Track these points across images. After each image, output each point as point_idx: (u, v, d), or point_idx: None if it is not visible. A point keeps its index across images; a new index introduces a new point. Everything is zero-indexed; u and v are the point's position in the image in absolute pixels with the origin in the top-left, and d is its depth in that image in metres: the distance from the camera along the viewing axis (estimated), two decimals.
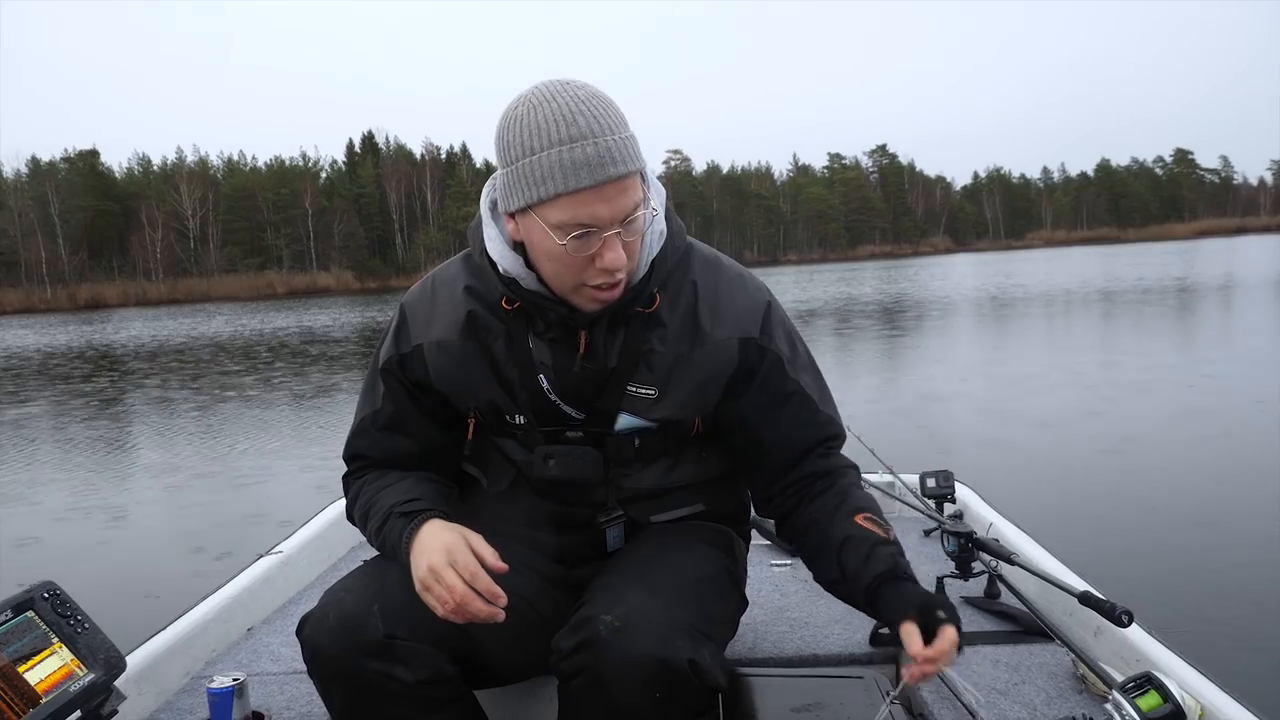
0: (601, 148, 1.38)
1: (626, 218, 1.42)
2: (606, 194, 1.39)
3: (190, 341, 25.94)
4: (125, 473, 8.42)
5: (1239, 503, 5.54)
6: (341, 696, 1.47)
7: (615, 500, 1.64)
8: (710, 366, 1.57)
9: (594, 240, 1.41)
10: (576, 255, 1.42)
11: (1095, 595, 1.76)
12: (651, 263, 1.54)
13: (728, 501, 1.78)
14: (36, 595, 1.57)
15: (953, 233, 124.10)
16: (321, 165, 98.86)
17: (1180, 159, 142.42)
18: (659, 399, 1.57)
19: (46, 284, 73.77)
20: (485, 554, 1.39)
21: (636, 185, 1.44)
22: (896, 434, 7.57)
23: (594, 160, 1.37)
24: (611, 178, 1.38)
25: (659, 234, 1.55)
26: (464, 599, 1.35)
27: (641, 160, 1.46)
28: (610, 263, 1.42)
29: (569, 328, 1.54)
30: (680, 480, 1.68)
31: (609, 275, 1.44)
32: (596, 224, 1.40)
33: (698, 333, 1.57)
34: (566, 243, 1.41)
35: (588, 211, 1.39)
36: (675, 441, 1.65)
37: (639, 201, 1.44)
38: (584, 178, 1.37)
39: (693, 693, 1.38)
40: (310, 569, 2.57)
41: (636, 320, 1.55)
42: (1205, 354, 12.25)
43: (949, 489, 2.55)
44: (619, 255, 1.42)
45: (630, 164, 1.41)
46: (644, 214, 1.46)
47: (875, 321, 19.87)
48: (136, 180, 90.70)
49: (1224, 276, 28.65)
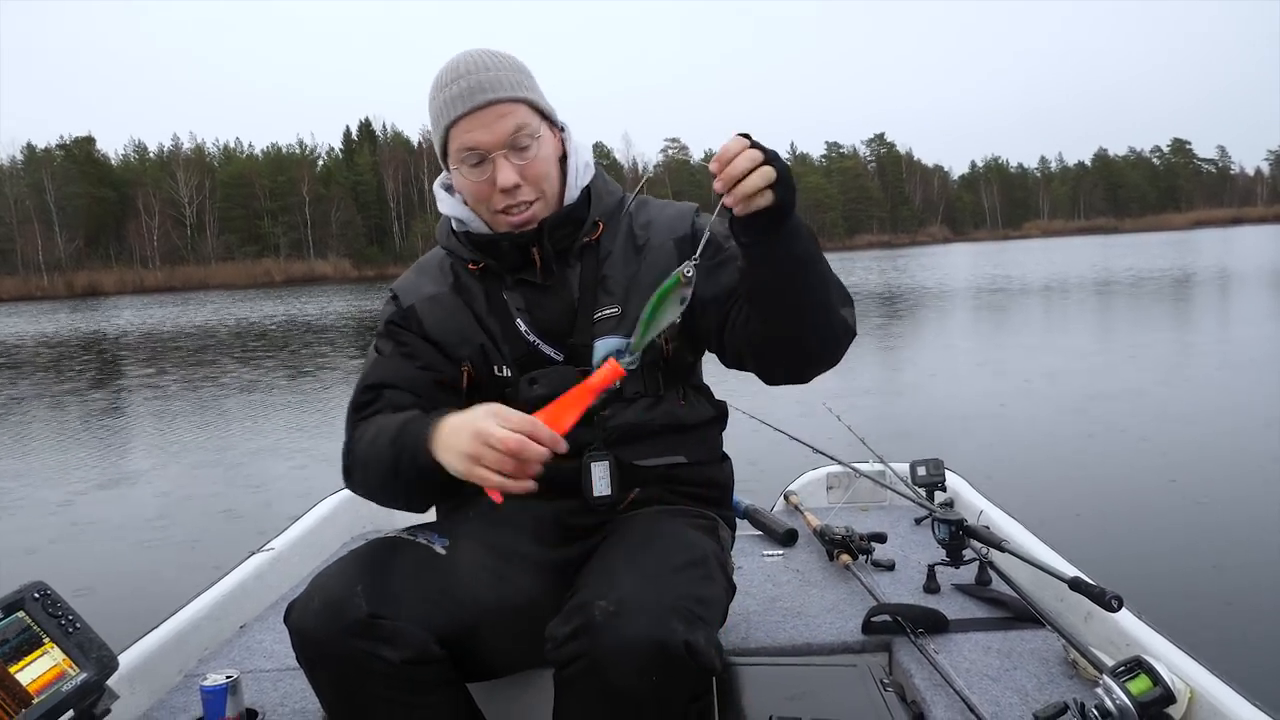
0: (473, 81, 1.60)
1: (509, 140, 1.61)
2: (483, 119, 1.60)
3: (180, 330, 25.86)
4: (115, 467, 8.36)
5: (1228, 487, 5.57)
6: (329, 679, 1.48)
7: (600, 441, 1.70)
8: (655, 268, 1.70)
9: (486, 166, 1.62)
10: (477, 182, 1.64)
11: (1085, 581, 1.77)
12: (588, 193, 1.75)
13: (708, 457, 1.82)
14: (27, 595, 1.56)
15: (950, 222, 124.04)
16: (319, 153, 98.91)
17: (1177, 149, 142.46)
18: (623, 314, 1.70)
19: (43, 272, 73.64)
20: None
21: (517, 113, 1.62)
22: (886, 423, 7.57)
23: (465, 92, 1.60)
24: (480, 104, 1.60)
25: (584, 165, 1.76)
26: (521, 444, 1.36)
27: (525, 92, 1.64)
28: (501, 181, 1.61)
29: (523, 256, 1.70)
30: (661, 419, 1.73)
31: (509, 196, 1.63)
32: (480, 147, 1.61)
33: (639, 248, 1.75)
34: (464, 170, 1.64)
35: (471, 138, 1.61)
36: (654, 378, 1.74)
37: (522, 126, 1.62)
38: (458, 107, 1.61)
39: (689, 675, 1.38)
40: (302, 565, 2.57)
41: (588, 253, 1.74)
42: (1195, 342, 12.28)
43: (939, 477, 2.57)
44: (508, 175, 1.61)
45: (502, 92, 1.61)
46: (536, 140, 1.64)
47: (865, 311, 19.85)
48: (133, 167, 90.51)
49: (1220, 268, 28.65)
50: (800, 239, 1.46)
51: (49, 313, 41.87)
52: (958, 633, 1.93)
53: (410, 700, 1.46)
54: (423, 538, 1.61)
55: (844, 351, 1.63)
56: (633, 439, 1.71)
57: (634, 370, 1.68)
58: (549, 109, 1.71)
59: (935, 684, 1.73)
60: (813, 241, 1.49)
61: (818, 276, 1.51)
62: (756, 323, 1.57)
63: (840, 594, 2.20)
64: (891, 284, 29.38)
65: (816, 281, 1.51)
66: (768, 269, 1.47)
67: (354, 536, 2.83)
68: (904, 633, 1.91)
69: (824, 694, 1.73)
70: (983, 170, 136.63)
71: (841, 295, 1.58)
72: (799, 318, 1.53)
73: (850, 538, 2.39)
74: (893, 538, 2.51)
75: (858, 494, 2.93)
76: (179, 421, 10.76)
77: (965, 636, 1.92)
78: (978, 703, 1.64)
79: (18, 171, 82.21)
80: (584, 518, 1.71)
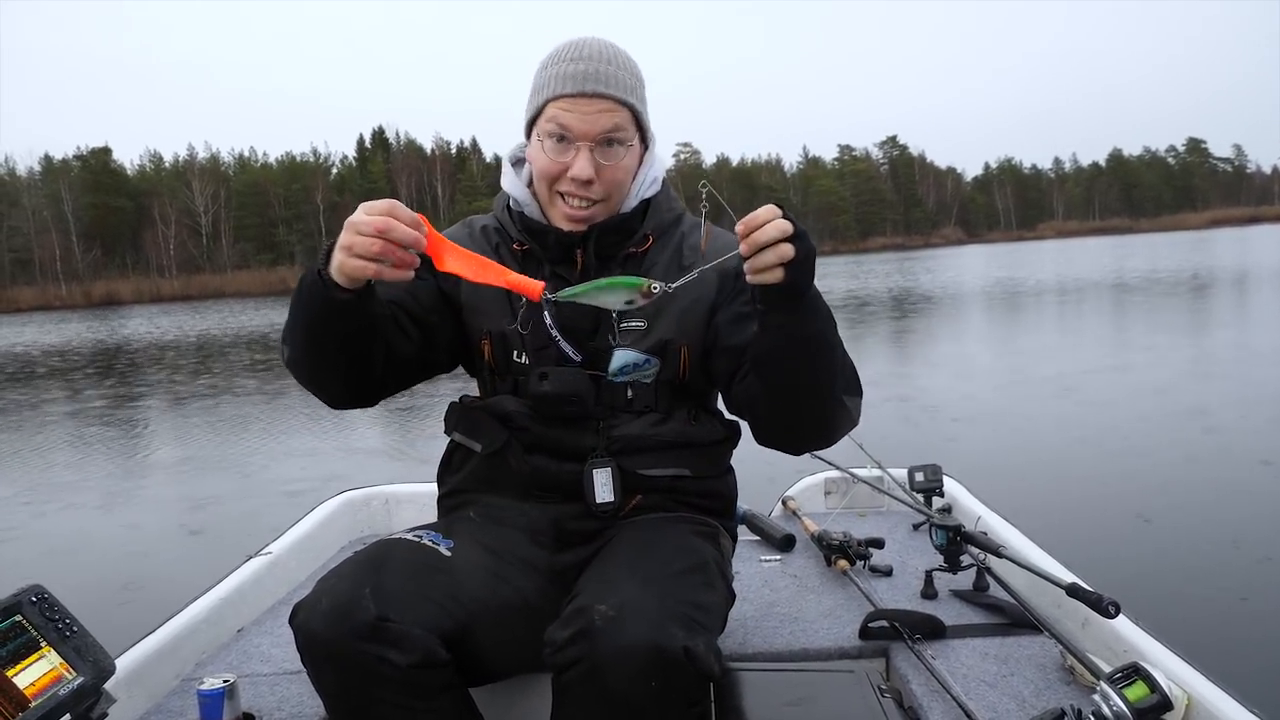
0: (590, 68, 1.62)
1: (602, 137, 1.62)
2: (584, 107, 1.61)
3: (199, 338, 26.01)
4: (114, 474, 8.38)
5: (1225, 495, 5.52)
6: (334, 681, 1.47)
7: (605, 449, 1.70)
8: (693, 294, 1.67)
9: (568, 148, 1.63)
10: (554, 159, 1.64)
11: (1083, 587, 1.76)
12: (646, 205, 1.76)
13: (713, 471, 1.81)
14: (24, 599, 1.56)
15: (964, 224, 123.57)
16: (332, 161, 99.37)
17: (1193, 148, 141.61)
18: (649, 330, 1.70)
19: (61, 281, 74.22)
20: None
21: (619, 115, 1.64)
22: (884, 428, 7.51)
23: (580, 75, 1.61)
24: (589, 92, 1.61)
25: (653, 180, 1.77)
26: (385, 221, 1.37)
27: (634, 100, 1.66)
28: (577, 171, 1.62)
29: (567, 253, 1.70)
30: (668, 435, 1.72)
31: (579, 187, 1.64)
32: (570, 131, 1.62)
33: (684, 269, 1.66)
34: (545, 142, 1.64)
35: (568, 118, 1.62)
36: (666, 396, 1.73)
37: (618, 128, 1.64)
38: (568, 86, 1.61)
39: (688, 681, 1.38)
40: (300, 570, 2.57)
41: (631, 263, 1.74)
42: (1202, 345, 12.18)
43: (937, 483, 2.56)
44: (584, 167, 1.62)
45: (613, 89, 1.62)
46: (625, 148, 1.65)
47: (867, 315, 19.78)
48: (149, 177, 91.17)
49: (1237, 268, 28.42)
50: (813, 321, 1.47)
51: (65, 322, 42.14)
52: (955, 639, 1.93)
53: (415, 705, 1.45)
54: (427, 539, 1.61)
55: (840, 438, 1.64)
56: (636, 450, 1.71)
57: (646, 384, 1.71)
58: (648, 123, 1.73)
59: (932, 690, 1.72)
60: (830, 326, 1.50)
61: (826, 361, 1.51)
62: (758, 388, 1.58)
63: (838, 599, 2.19)
64: (895, 288, 29.26)
65: (823, 366, 1.51)
66: (776, 341, 1.49)
67: (352, 540, 2.84)
68: (901, 639, 1.90)
69: (821, 700, 1.73)
70: (996, 171, 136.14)
71: (849, 384, 1.57)
72: (798, 396, 1.54)
73: (848, 543, 2.38)
74: (890, 543, 2.50)
75: (855, 499, 2.93)
76: (185, 425, 10.84)
77: (963, 642, 1.91)
78: (975, 709, 1.63)
79: (35, 182, 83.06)
80: (584, 523, 1.71)
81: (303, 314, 1.51)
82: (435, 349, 1.74)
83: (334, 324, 1.50)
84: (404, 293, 1.67)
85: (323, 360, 1.59)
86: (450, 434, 1.85)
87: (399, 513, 2.92)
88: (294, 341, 1.58)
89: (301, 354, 1.59)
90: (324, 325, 1.51)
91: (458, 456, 1.84)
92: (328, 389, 1.67)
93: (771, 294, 1.42)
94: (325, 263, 1.44)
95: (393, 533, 1.69)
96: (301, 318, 1.52)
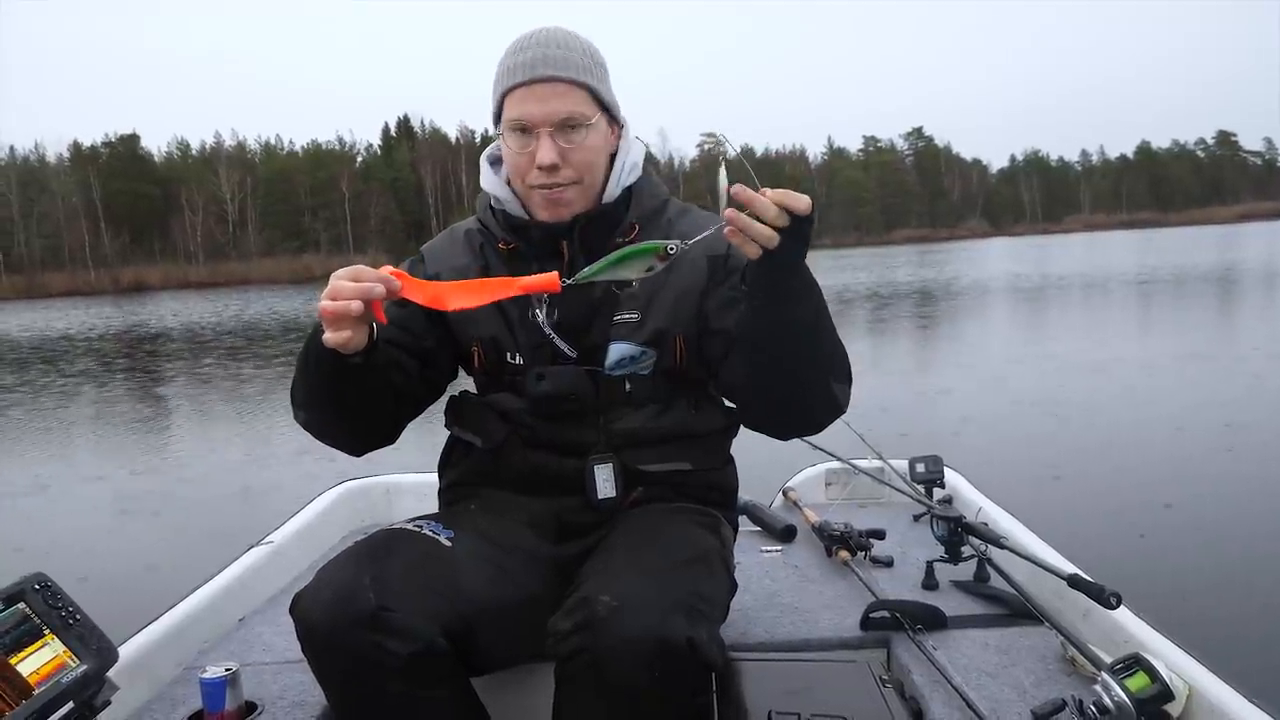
0: (539, 54, 1.61)
1: (559, 120, 1.60)
2: (538, 93, 1.60)
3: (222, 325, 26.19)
4: (117, 461, 8.45)
5: (1228, 486, 5.51)
6: (335, 670, 1.48)
7: (605, 444, 1.70)
8: (683, 283, 1.69)
9: (530, 139, 1.61)
10: (519, 152, 1.63)
11: (1084, 578, 1.76)
12: (630, 193, 1.74)
13: (714, 463, 1.81)
14: (27, 587, 1.57)
15: (989, 216, 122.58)
16: (358, 149, 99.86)
17: (1223, 141, 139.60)
18: (643, 321, 1.70)
19: (90, 267, 75.01)
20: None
21: (573, 95, 1.62)
22: (885, 419, 7.47)
23: (528, 63, 1.60)
24: (540, 77, 1.60)
25: (632, 165, 1.75)
26: (355, 270, 1.43)
27: (590, 80, 1.63)
28: (541, 157, 1.60)
29: (552, 246, 1.69)
30: (668, 427, 1.73)
31: (547, 174, 1.62)
32: (528, 120, 1.60)
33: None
34: (508, 138, 1.64)
35: (523, 109, 1.61)
36: (665, 386, 1.73)
37: (575, 110, 1.61)
38: (518, 75, 1.61)
39: (691, 671, 1.39)
40: (302, 558, 2.57)
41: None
42: (1204, 341, 12.06)
43: (938, 474, 2.55)
44: (546, 152, 1.60)
45: (563, 71, 1.60)
46: (586, 129, 1.62)
47: (869, 310, 19.67)
48: (176, 165, 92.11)
49: (1265, 265, 28.03)
50: (803, 305, 1.44)
51: (97, 306, 42.51)
52: (956, 629, 1.92)
53: (416, 694, 1.46)
54: (428, 529, 1.62)
55: (826, 424, 1.62)
56: (637, 444, 1.71)
57: (645, 376, 1.71)
58: (612, 102, 1.70)
59: (933, 680, 1.72)
60: (819, 311, 1.47)
61: (814, 348, 1.50)
62: (743, 370, 1.57)
63: (839, 590, 2.19)
64: (906, 281, 29.06)
65: (810, 352, 1.50)
66: (763, 322, 1.47)
67: (353, 530, 2.85)
68: (902, 629, 1.90)
69: (823, 690, 1.72)
70: (1022, 164, 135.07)
71: (839, 371, 1.56)
72: (781, 380, 1.53)
73: (849, 534, 2.37)
74: (891, 534, 2.49)
75: (856, 490, 2.91)
76: (199, 412, 10.94)
77: (963, 633, 1.91)
78: (976, 699, 1.63)
79: (64, 169, 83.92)
80: (585, 515, 1.72)
81: (315, 380, 1.58)
82: (437, 368, 1.77)
83: (347, 387, 1.56)
84: (395, 329, 1.68)
85: (326, 409, 1.66)
86: (450, 428, 1.86)
87: (400, 502, 2.93)
88: (302, 403, 1.66)
89: (305, 404, 1.66)
90: (326, 381, 1.57)
91: (458, 450, 1.85)
92: (346, 443, 1.75)
93: (757, 274, 1.41)
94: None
95: (394, 523, 1.69)
96: (315, 384, 1.59)
